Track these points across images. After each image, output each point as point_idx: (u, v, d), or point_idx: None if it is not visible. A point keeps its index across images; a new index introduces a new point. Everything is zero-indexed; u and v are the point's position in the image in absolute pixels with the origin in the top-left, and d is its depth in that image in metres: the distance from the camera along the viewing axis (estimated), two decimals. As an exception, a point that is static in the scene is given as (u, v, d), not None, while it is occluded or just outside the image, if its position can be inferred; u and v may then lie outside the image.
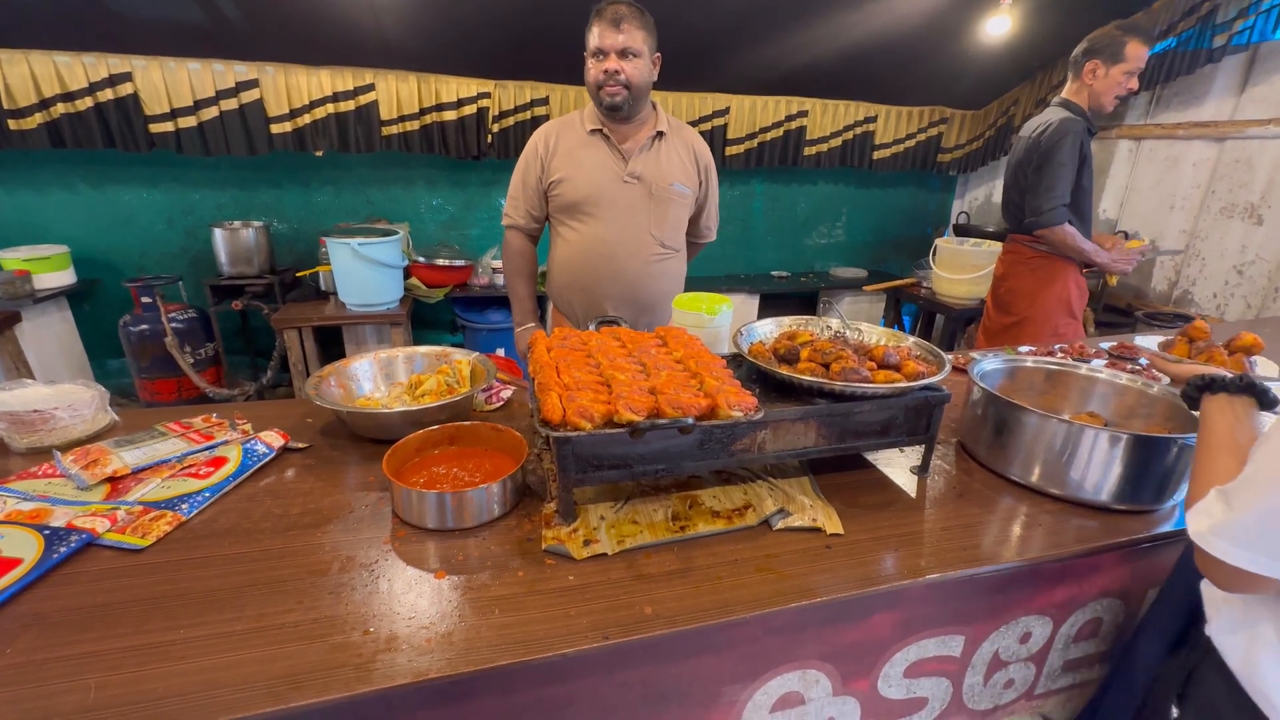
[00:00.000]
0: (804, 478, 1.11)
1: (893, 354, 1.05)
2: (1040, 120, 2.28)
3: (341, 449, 1.18)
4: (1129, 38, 2.11)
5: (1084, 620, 1.07)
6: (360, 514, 0.97)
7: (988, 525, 0.99)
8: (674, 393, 0.92)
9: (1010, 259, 2.50)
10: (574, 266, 1.82)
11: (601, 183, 1.74)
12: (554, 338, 1.18)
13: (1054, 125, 2.19)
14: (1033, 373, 1.28)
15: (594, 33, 1.65)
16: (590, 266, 1.80)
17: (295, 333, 2.97)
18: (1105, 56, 2.14)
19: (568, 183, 1.75)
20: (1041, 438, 1.06)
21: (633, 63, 1.64)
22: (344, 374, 1.33)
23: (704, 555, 0.89)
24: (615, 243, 1.77)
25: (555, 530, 0.93)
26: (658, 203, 1.77)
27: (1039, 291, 2.45)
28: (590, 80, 1.69)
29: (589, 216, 1.77)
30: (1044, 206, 2.21)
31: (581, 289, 1.84)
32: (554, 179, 1.76)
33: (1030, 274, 2.44)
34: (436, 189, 3.81)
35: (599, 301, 1.83)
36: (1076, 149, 2.17)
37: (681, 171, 1.80)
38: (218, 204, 3.46)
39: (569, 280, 1.85)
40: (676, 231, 1.86)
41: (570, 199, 1.76)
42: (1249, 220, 2.84)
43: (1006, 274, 2.51)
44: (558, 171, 1.75)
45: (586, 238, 1.78)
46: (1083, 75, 2.21)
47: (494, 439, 1.11)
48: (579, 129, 1.76)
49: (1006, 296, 2.51)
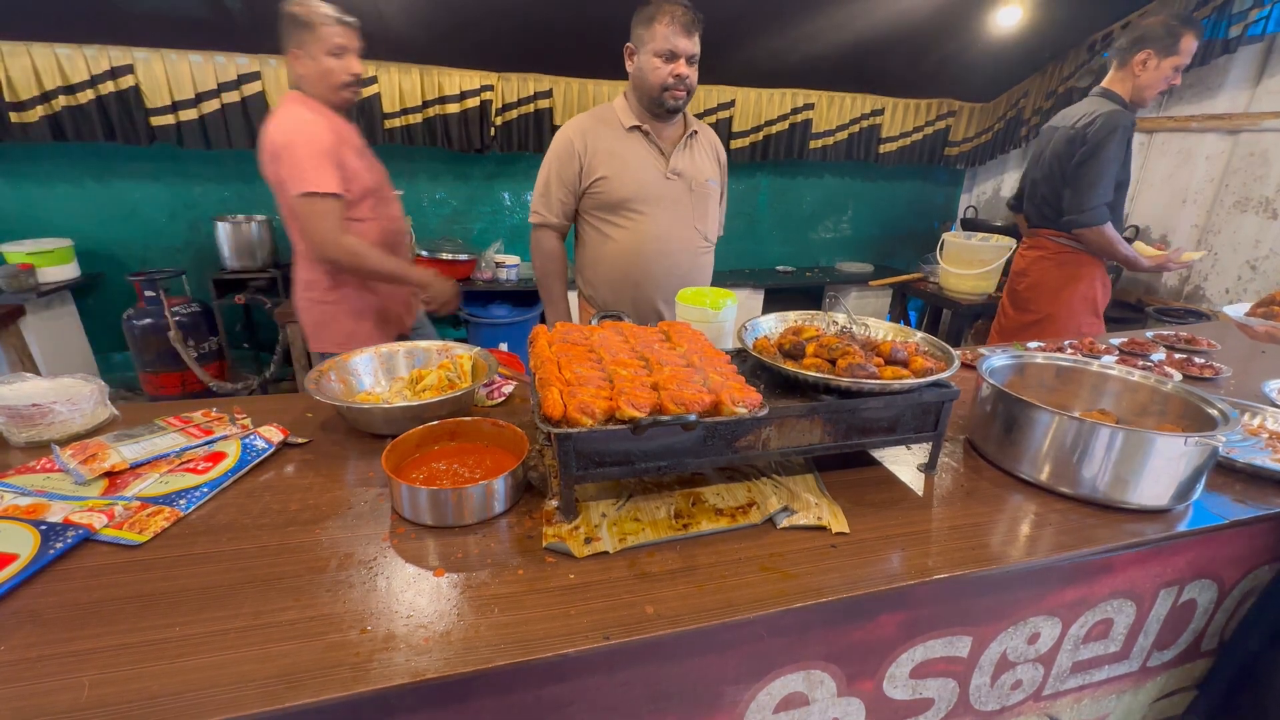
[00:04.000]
0: (809, 475, 1.09)
1: (900, 350, 1.03)
2: (1083, 111, 2.16)
3: (341, 444, 1.17)
4: (1185, 30, 2.01)
5: (1094, 621, 1.05)
6: (359, 510, 0.96)
7: (996, 524, 0.98)
8: (677, 388, 0.90)
9: (1034, 254, 2.39)
10: (625, 263, 1.82)
11: (647, 180, 1.77)
12: (556, 332, 1.17)
13: (1102, 118, 2.08)
14: (1043, 369, 1.26)
15: (662, 34, 1.64)
16: (644, 263, 1.82)
17: (298, 327, 2.96)
18: (1160, 48, 2.04)
19: (612, 180, 1.74)
20: (1052, 435, 1.04)
21: (695, 68, 1.71)
22: (344, 369, 1.32)
23: (707, 554, 0.88)
24: (668, 238, 1.82)
25: (556, 528, 0.91)
26: (698, 198, 1.84)
27: (1064, 289, 2.35)
28: (654, 80, 1.69)
29: (637, 214, 1.78)
30: (1086, 204, 2.13)
31: (634, 284, 1.85)
32: (597, 177, 1.74)
33: (1056, 269, 2.34)
34: (439, 182, 3.79)
35: (651, 297, 1.87)
36: (1125, 145, 2.09)
37: (710, 167, 1.88)
38: (220, 198, 3.45)
39: (619, 277, 1.85)
40: (713, 225, 1.95)
41: (616, 196, 1.76)
42: (1263, 214, 2.79)
43: (1028, 269, 2.41)
44: (600, 169, 1.74)
45: (637, 235, 1.79)
46: (1131, 65, 2.10)
47: (495, 435, 1.10)
48: (616, 126, 1.75)
49: (1027, 293, 2.41)
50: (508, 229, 4.01)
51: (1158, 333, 1.97)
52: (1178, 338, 1.91)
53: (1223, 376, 1.62)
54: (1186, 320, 2.78)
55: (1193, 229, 3.09)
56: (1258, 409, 1.34)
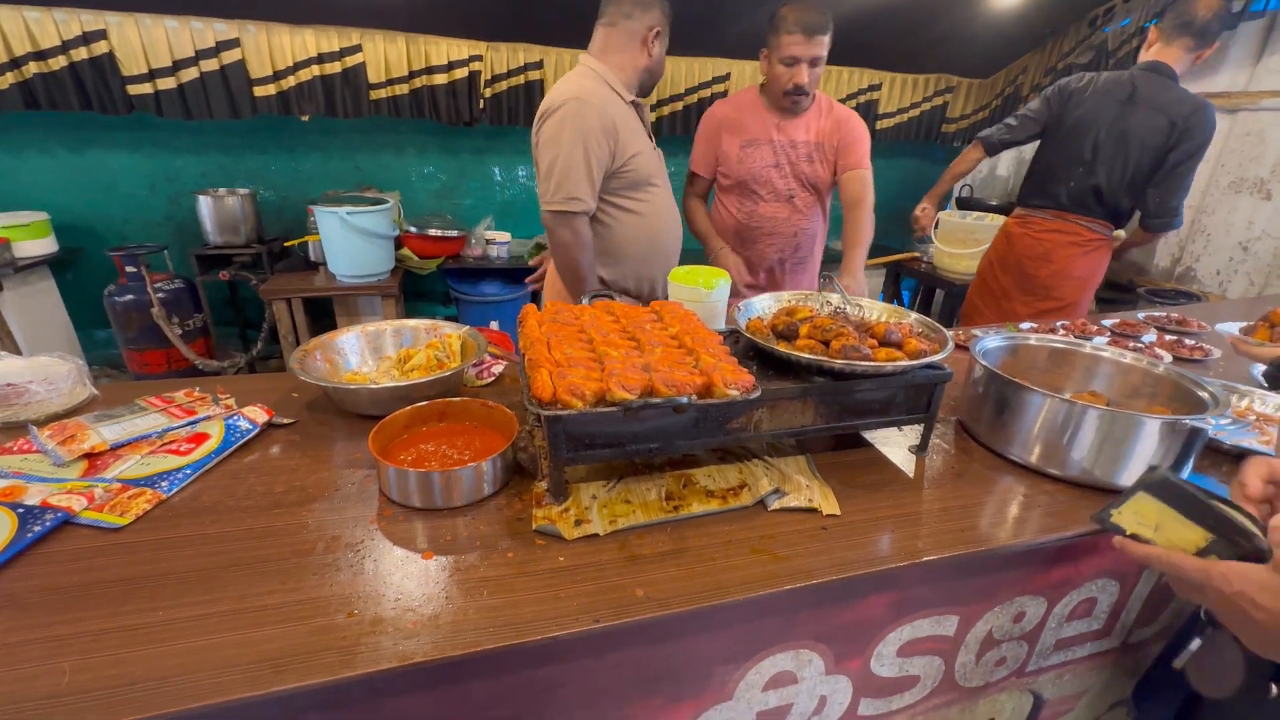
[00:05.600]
0: (800, 457, 1.09)
1: (894, 331, 1.02)
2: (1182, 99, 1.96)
3: (328, 425, 1.15)
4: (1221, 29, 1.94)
5: (1079, 600, 1.06)
6: (346, 492, 0.94)
7: (986, 506, 0.98)
8: (668, 370, 0.89)
9: (1062, 239, 2.23)
10: (651, 239, 1.83)
11: (650, 153, 1.79)
12: (546, 312, 1.15)
13: (1206, 111, 1.93)
14: (1035, 351, 1.25)
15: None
16: (668, 232, 1.87)
17: (284, 304, 2.91)
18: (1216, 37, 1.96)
19: (640, 156, 1.72)
20: (1042, 417, 1.04)
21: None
22: (330, 348, 1.29)
23: (697, 536, 0.88)
24: (674, 207, 1.90)
25: (546, 510, 0.90)
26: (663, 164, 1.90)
27: (1092, 279, 2.28)
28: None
29: (654, 187, 1.79)
30: (1179, 205, 2.07)
31: (664, 255, 1.87)
32: (630, 154, 1.69)
33: (1084, 257, 2.23)
34: (428, 156, 3.71)
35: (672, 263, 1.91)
36: None
37: None
38: (202, 170, 3.36)
39: (646, 253, 1.84)
40: None
41: (642, 173, 1.74)
42: (1257, 195, 2.78)
43: (1052, 255, 2.25)
44: (630, 146, 1.69)
45: (658, 208, 1.81)
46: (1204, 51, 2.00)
47: (484, 415, 1.09)
48: (620, 100, 1.70)
49: (1050, 280, 2.28)
50: (498, 204, 3.94)
51: (1149, 314, 1.97)
52: (1169, 319, 1.91)
53: (1212, 358, 1.63)
54: (1177, 301, 2.79)
55: (1187, 209, 3.07)
56: (1246, 391, 1.34)
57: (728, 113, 2.08)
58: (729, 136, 2.07)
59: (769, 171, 2.07)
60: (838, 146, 2.06)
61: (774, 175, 2.08)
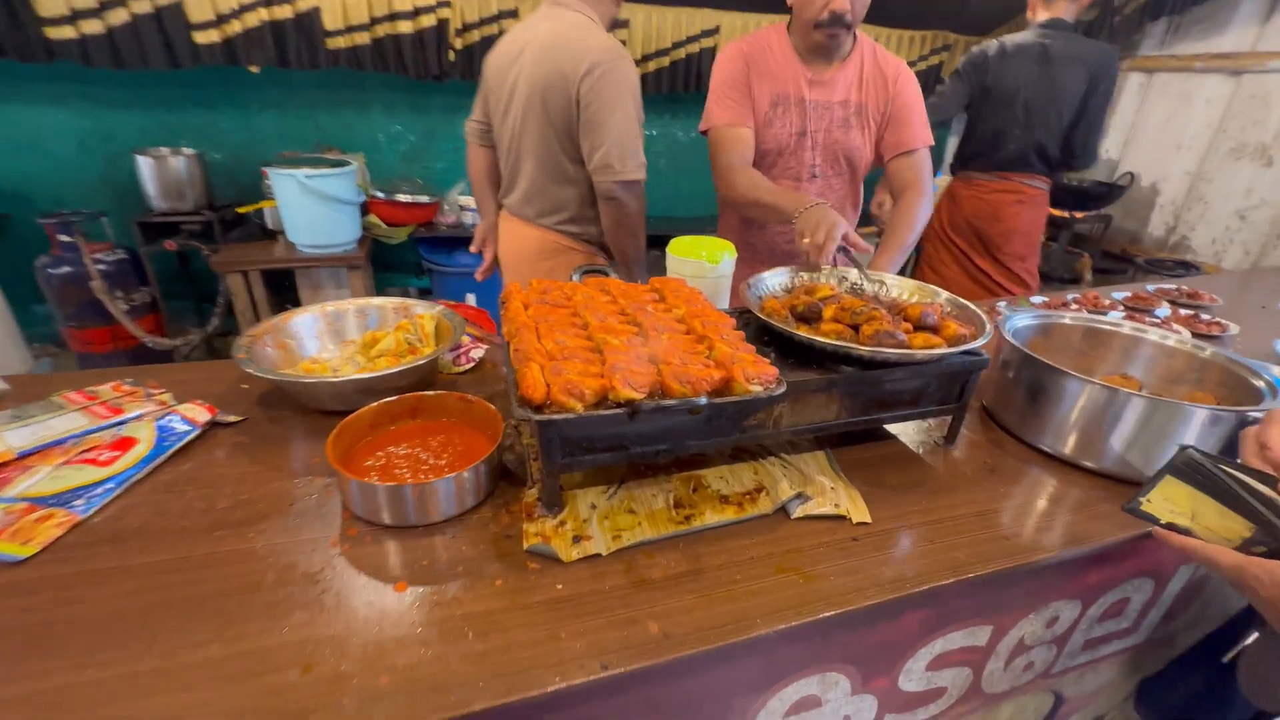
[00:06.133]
0: (819, 452, 0.98)
1: (930, 313, 0.90)
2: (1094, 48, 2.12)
3: (282, 422, 1.00)
4: None
5: (1113, 600, 0.99)
6: (304, 506, 0.81)
7: (1026, 507, 0.89)
8: (679, 363, 0.76)
9: (1005, 197, 2.32)
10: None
11: None
12: (532, 291, 1.00)
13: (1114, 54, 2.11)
14: (1070, 330, 1.15)
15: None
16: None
17: (240, 277, 2.69)
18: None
19: None
20: (1082, 406, 0.94)
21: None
22: (283, 332, 1.13)
23: (714, 552, 0.77)
24: None
25: (539, 524, 0.78)
26: None
27: (1036, 230, 2.39)
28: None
29: None
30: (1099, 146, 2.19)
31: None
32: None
33: (1029, 212, 2.34)
34: (394, 114, 3.44)
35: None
36: None
37: None
38: (140, 127, 3.05)
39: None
40: None
41: None
42: (1259, 162, 2.72)
43: (999, 214, 2.34)
44: None
45: None
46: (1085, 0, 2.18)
47: (463, 411, 0.95)
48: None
49: (1000, 237, 2.36)
50: (472, 168, 3.69)
51: (1159, 286, 1.90)
52: (1180, 291, 1.84)
53: (1229, 334, 1.56)
54: (1176, 272, 2.74)
55: (1185, 176, 3.01)
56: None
57: (754, 54, 1.56)
58: (758, 84, 1.56)
59: (794, 141, 1.59)
60: (887, 114, 1.60)
61: (800, 146, 1.60)
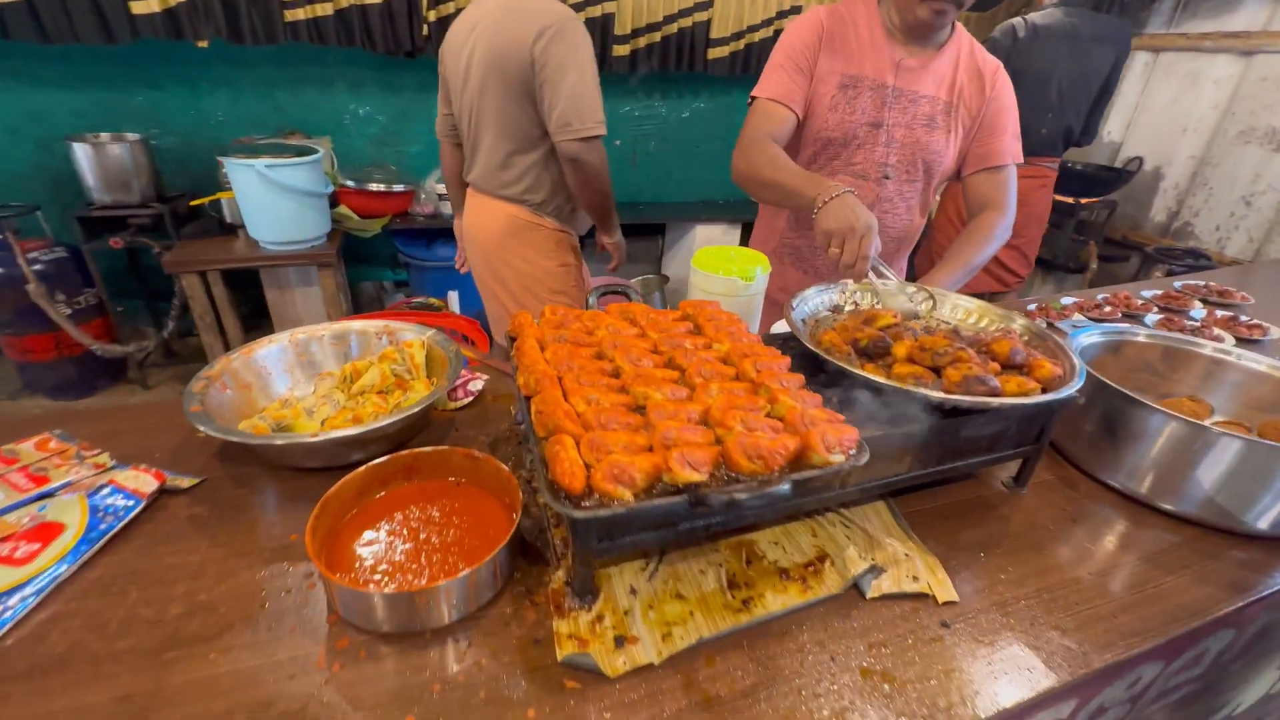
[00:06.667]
0: (880, 503, 0.86)
1: (1019, 351, 0.78)
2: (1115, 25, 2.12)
3: (249, 483, 0.84)
4: None
5: (1193, 655, 0.90)
6: (279, 606, 0.66)
7: (1125, 569, 0.78)
8: (742, 428, 0.62)
9: (1031, 183, 2.32)
10: None
11: None
12: (546, 324, 0.85)
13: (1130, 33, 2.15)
14: (1145, 349, 1.04)
15: None
16: None
17: (197, 278, 2.45)
18: None
19: None
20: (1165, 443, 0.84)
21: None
22: (244, 370, 0.96)
23: (785, 651, 0.64)
24: None
25: (571, 621, 0.65)
26: None
27: (1047, 211, 2.43)
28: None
29: None
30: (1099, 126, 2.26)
31: None
32: None
33: (1045, 195, 2.37)
34: (363, 94, 3.16)
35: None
36: None
37: None
38: (74, 109, 2.74)
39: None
40: None
41: None
42: (1268, 146, 2.66)
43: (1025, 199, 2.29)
44: None
45: None
46: None
47: (470, 469, 0.80)
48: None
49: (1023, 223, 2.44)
50: (449, 152, 3.44)
51: (1185, 283, 1.82)
52: (1209, 289, 1.76)
53: (1271, 338, 1.48)
54: (1185, 261, 2.68)
55: (1189, 160, 2.95)
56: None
57: (834, 26, 1.34)
58: (828, 61, 1.34)
59: (865, 133, 1.35)
60: (979, 120, 1.37)
61: (871, 140, 1.36)
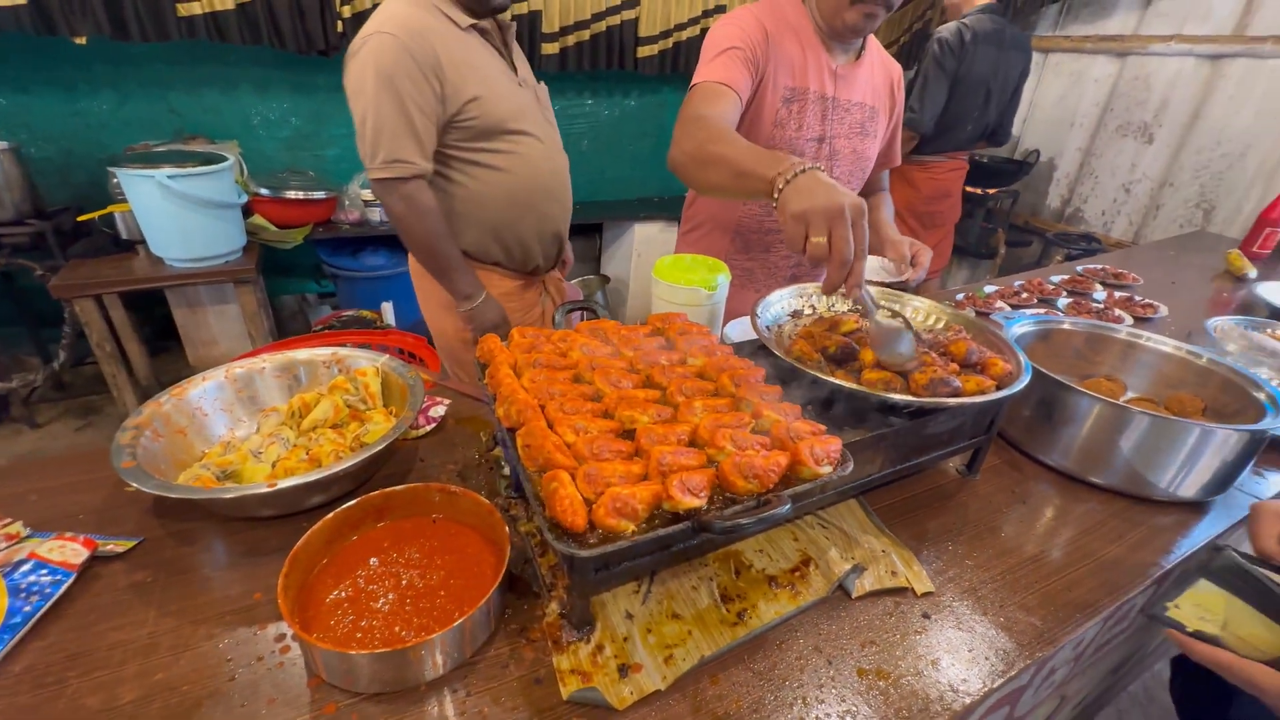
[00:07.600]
0: (853, 501, 0.89)
1: (975, 351, 0.83)
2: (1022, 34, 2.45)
3: (196, 539, 0.77)
4: None
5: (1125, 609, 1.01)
6: (252, 677, 0.60)
7: (1071, 545, 0.86)
8: (734, 447, 0.63)
9: (956, 175, 2.59)
10: (521, 196, 1.44)
11: (509, 92, 1.38)
12: (515, 346, 0.82)
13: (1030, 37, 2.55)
14: (1070, 336, 1.14)
15: None
16: (544, 189, 1.48)
17: (92, 301, 2.20)
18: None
19: (484, 101, 1.29)
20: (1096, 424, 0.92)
21: None
22: (177, 413, 0.87)
23: (784, 659, 0.66)
24: (554, 156, 1.50)
25: (571, 655, 0.64)
26: (544, 108, 1.52)
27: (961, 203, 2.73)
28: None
29: (520, 136, 1.39)
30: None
31: (539, 216, 1.49)
32: (468, 99, 1.27)
33: (961, 185, 2.65)
34: (271, 95, 2.94)
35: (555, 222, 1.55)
36: None
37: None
38: (-76, 113, 2.39)
39: (518, 215, 1.46)
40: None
41: (493, 119, 1.33)
42: (1141, 139, 2.97)
43: (950, 190, 2.61)
44: (467, 88, 1.26)
45: (529, 159, 1.42)
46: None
47: (447, 505, 0.77)
48: (452, 26, 1.27)
49: (948, 211, 2.67)
50: (372, 155, 3.26)
51: (1086, 267, 2.01)
52: (1106, 271, 1.95)
53: (1160, 316, 1.66)
54: (1080, 245, 2.96)
55: (1077, 152, 3.25)
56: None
57: (774, 29, 1.21)
58: (773, 68, 1.22)
59: (813, 149, 1.31)
60: (892, 122, 1.43)
61: (815, 155, 1.32)
